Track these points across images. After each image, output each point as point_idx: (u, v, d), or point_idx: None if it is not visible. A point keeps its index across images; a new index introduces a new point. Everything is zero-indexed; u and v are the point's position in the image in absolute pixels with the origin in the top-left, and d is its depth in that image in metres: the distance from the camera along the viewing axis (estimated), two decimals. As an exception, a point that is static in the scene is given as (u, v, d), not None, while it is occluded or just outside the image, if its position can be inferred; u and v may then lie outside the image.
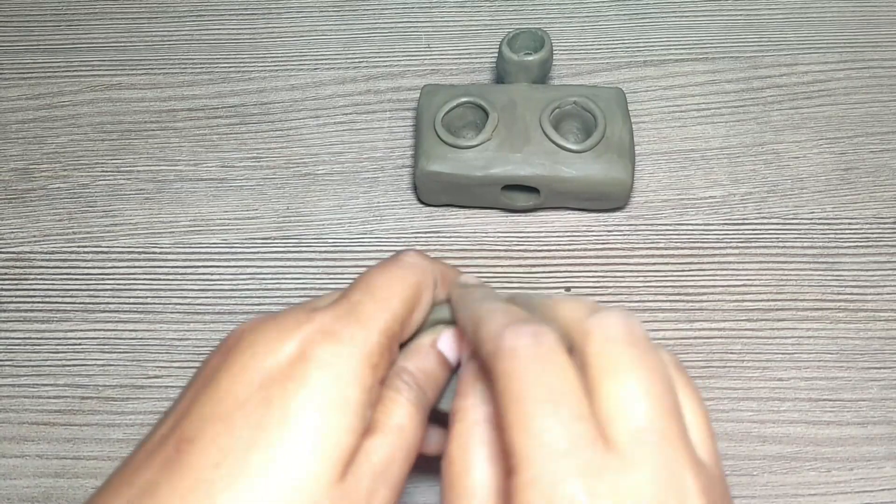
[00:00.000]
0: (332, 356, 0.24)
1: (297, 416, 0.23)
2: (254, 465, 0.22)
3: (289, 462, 0.22)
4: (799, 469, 0.36)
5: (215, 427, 0.23)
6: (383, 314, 0.25)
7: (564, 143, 0.39)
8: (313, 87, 0.47)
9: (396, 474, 0.25)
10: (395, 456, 0.24)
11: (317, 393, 0.23)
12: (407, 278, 0.27)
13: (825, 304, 0.40)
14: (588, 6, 0.50)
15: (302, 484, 0.22)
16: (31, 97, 0.47)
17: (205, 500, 0.22)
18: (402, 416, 0.25)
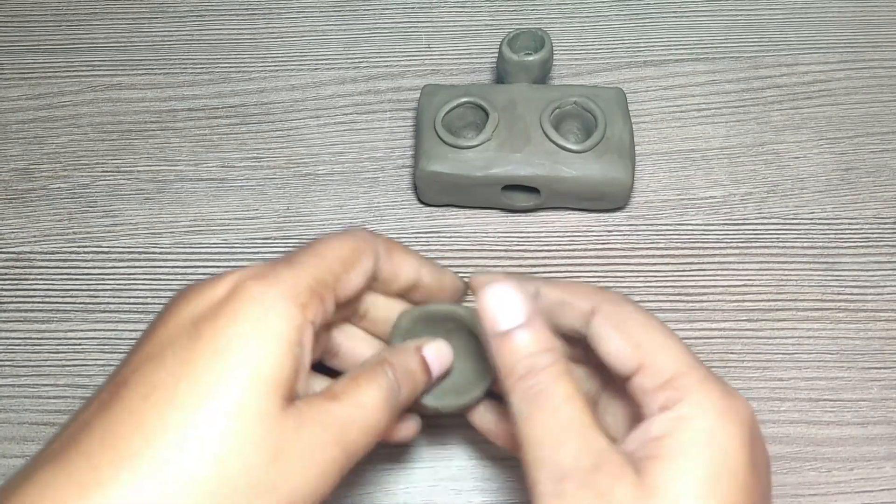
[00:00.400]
0: (260, 293, 0.25)
1: (224, 347, 0.24)
2: (181, 394, 0.23)
3: (218, 390, 0.23)
4: (799, 469, 0.36)
5: (146, 366, 0.24)
6: (315, 262, 0.27)
7: (565, 144, 0.39)
8: (314, 88, 0.47)
9: (350, 443, 0.25)
10: (352, 427, 0.26)
11: (243, 324, 0.24)
12: (345, 241, 0.28)
13: (825, 305, 0.40)
14: (588, 6, 0.50)
15: (233, 410, 0.23)
16: (32, 97, 0.47)
17: (134, 432, 0.22)
18: (369, 396, 0.26)
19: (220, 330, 0.24)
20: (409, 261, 0.31)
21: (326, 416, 0.25)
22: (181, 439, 0.22)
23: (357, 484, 0.35)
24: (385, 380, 0.27)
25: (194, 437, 0.23)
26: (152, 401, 0.23)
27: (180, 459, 0.22)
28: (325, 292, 0.26)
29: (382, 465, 0.36)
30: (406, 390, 0.28)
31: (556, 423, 0.25)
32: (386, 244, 0.30)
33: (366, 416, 0.26)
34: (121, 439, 0.23)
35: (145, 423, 0.23)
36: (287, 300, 0.25)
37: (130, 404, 0.23)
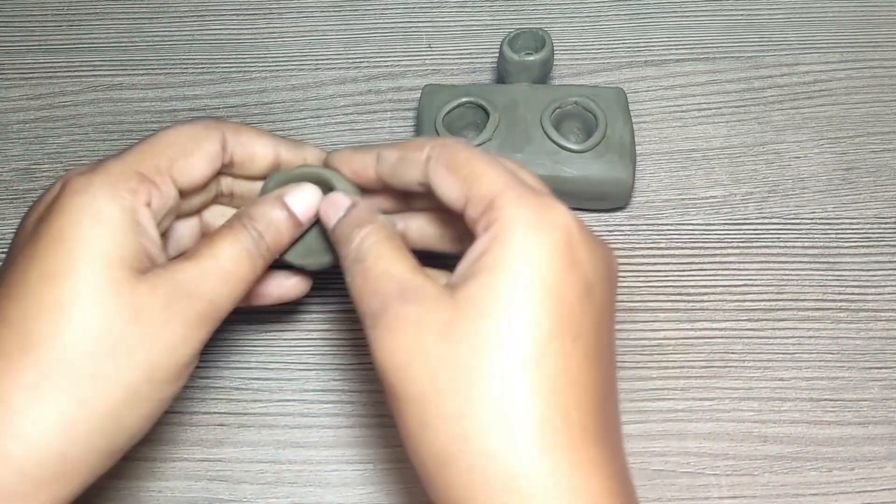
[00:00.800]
0: (86, 184, 0.27)
1: (59, 236, 0.26)
2: (32, 283, 0.26)
3: (62, 272, 0.26)
4: (800, 469, 0.36)
5: (5, 272, 0.27)
6: (145, 150, 0.29)
7: (565, 143, 0.39)
8: (314, 88, 0.47)
9: (209, 294, 0.28)
10: (208, 279, 0.28)
11: (73, 213, 0.26)
12: (183, 128, 0.30)
13: (826, 304, 0.40)
14: (589, 6, 0.50)
15: (80, 285, 0.26)
16: (33, 97, 0.47)
17: (2, 327, 0.25)
18: (223, 248, 0.28)
19: (53, 223, 0.26)
20: (261, 141, 0.32)
21: (181, 275, 0.27)
22: (42, 320, 0.25)
23: (358, 484, 0.35)
24: (243, 232, 0.29)
25: (53, 314, 0.25)
26: (9, 296, 0.26)
27: (46, 336, 0.25)
28: (157, 177, 0.28)
29: (383, 465, 0.36)
30: (270, 239, 0.30)
31: (370, 279, 0.27)
32: (235, 128, 0.31)
33: (221, 267, 0.28)
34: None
35: (7, 315, 0.26)
36: (113, 186, 0.27)
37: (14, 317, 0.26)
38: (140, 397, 0.26)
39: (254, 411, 0.37)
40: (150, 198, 0.28)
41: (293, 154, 0.33)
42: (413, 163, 0.29)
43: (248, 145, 0.32)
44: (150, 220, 0.28)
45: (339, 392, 0.37)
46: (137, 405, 0.26)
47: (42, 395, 0.25)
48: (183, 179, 0.29)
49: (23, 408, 0.25)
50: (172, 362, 0.27)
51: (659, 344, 0.38)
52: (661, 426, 0.36)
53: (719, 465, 0.36)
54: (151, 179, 0.28)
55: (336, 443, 0.36)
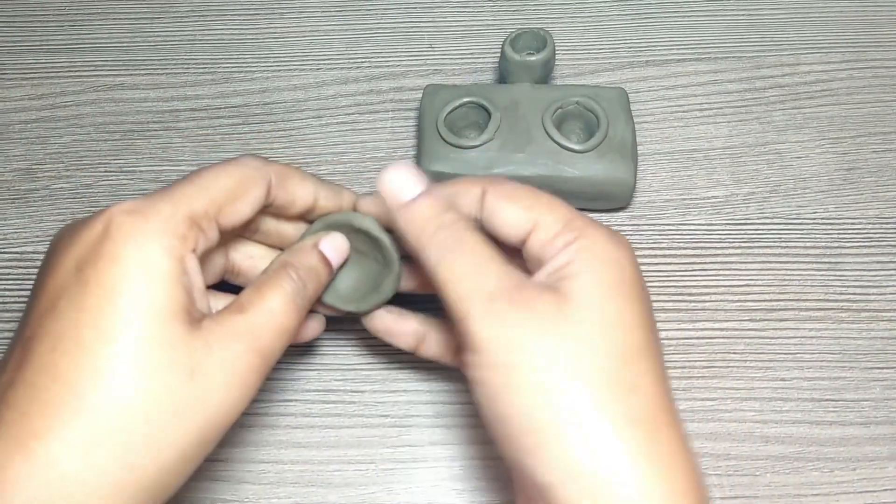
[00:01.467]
0: (135, 230, 0.26)
1: (111, 289, 0.25)
2: (86, 339, 0.24)
3: (118, 328, 0.24)
4: (802, 469, 0.36)
5: (46, 320, 0.25)
6: (195, 193, 0.28)
7: (567, 143, 0.39)
8: (316, 88, 0.47)
9: (264, 348, 0.27)
10: (263, 333, 0.27)
11: (124, 263, 0.25)
12: (232, 171, 0.29)
13: (828, 304, 0.40)
14: (590, 6, 0.50)
15: (136, 344, 0.24)
16: (34, 97, 0.47)
17: (53, 382, 0.24)
18: (275, 300, 0.28)
19: (103, 272, 0.25)
20: (304, 186, 0.32)
21: (236, 329, 0.27)
22: (97, 379, 0.24)
23: (359, 484, 0.35)
24: (289, 281, 0.29)
25: (108, 374, 0.24)
26: (60, 350, 0.24)
27: (101, 397, 0.24)
28: (204, 222, 0.28)
29: (384, 465, 0.36)
30: (311, 287, 0.30)
31: (476, 259, 0.27)
32: (281, 171, 0.31)
33: (275, 320, 0.28)
34: (43, 391, 0.24)
35: (61, 372, 0.24)
36: (163, 234, 0.26)
37: (42, 358, 0.25)
38: (188, 459, 0.26)
39: (255, 411, 0.37)
40: (197, 244, 0.27)
41: (331, 201, 0.33)
42: (468, 197, 0.30)
43: (290, 191, 0.31)
44: (196, 267, 0.27)
45: (340, 392, 0.37)
46: (184, 466, 0.26)
47: (94, 459, 0.24)
48: (227, 222, 0.29)
49: (75, 472, 0.24)
50: (225, 421, 0.26)
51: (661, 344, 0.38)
52: (663, 426, 0.36)
53: (721, 465, 0.36)
54: (199, 225, 0.27)
55: (338, 443, 0.36)
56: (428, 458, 0.36)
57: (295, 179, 0.31)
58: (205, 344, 0.26)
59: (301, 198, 0.32)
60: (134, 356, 0.24)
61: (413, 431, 0.37)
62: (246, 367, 0.27)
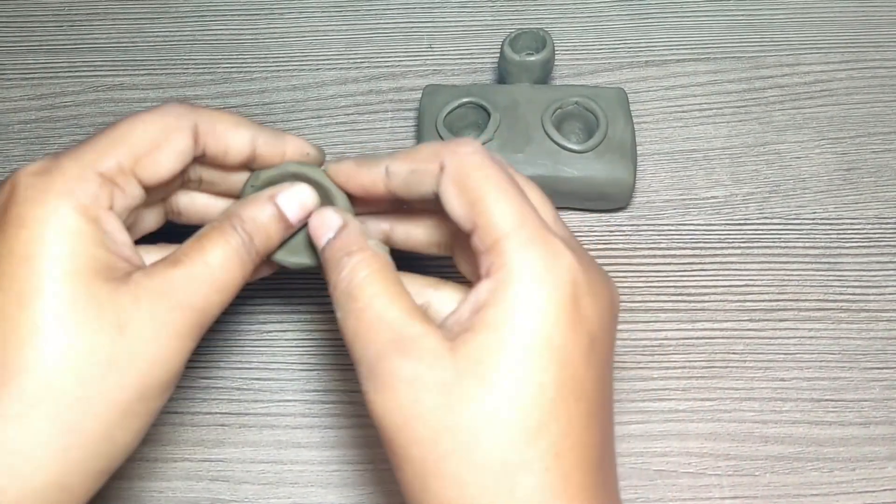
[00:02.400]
0: (42, 191, 0.25)
1: (25, 252, 0.24)
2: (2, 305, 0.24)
3: (33, 292, 0.24)
4: (801, 469, 0.36)
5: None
6: (107, 147, 0.26)
7: (566, 144, 0.39)
8: (315, 88, 0.47)
9: (200, 303, 0.26)
10: (199, 288, 0.26)
11: (34, 225, 0.24)
12: (149, 120, 0.27)
13: (827, 305, 0.40)
14: (590, 6, 0.50)
15: (55, 304, 0.24)
16: (34, 97, 0.47)
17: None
18: (215, 254, 0.27)
19: (12, 238, 0.24)
20: (238, 133, 0.29)
21: (168, 283, 0.26)
22: (18, 345, 0.23)
23: (359, 484, 0.35)
24: (233, 235, 0.27)
25: (29, 338, 0.23)
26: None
27: (25, 362, 0.23)
28: (119, 178, 0.26)
29: (383, 465, 0.36)
30: (259, 242, 0.28)
31: (363, 322, 0.26)
32: (209, 116, 0.29)
33: (213, 274, 0.27)
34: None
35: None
36: (72, 194, 0.25)
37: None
38: (132, 414, 0.25)
39: (255, 411, 0.37)
40: (113, 200, 0.26)
41: (272, 148, 0.30)
42: (426, 174, 0.27)
43: (222, 137, 0.29)
44: (117, 224, 0.26)
45: (340, 392, 0.37)
46: (131, 423, 0.25)
47: (30, 426, 0.23)
48: (148, 177, 0.27)
49: (12, 441, 0.23)
50: (163, 376, 0.26)
51: (660, 344, 0.38)
52: (663, 426, 0.36)
53: (721, 465, 0.36)
54: (113, 180, 0.26)
55: (337, 443, 0.36)
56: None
57: (227, 125, 0.29)
58: (133, 299, 0.25)
59: (236, 146, 0.29)
60: (54, 317, 0.24)
61: (412, 431, 0.37)
62: (180, 322, 0.26)
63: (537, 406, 0.24)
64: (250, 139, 0.29)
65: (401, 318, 0.25)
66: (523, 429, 0.24)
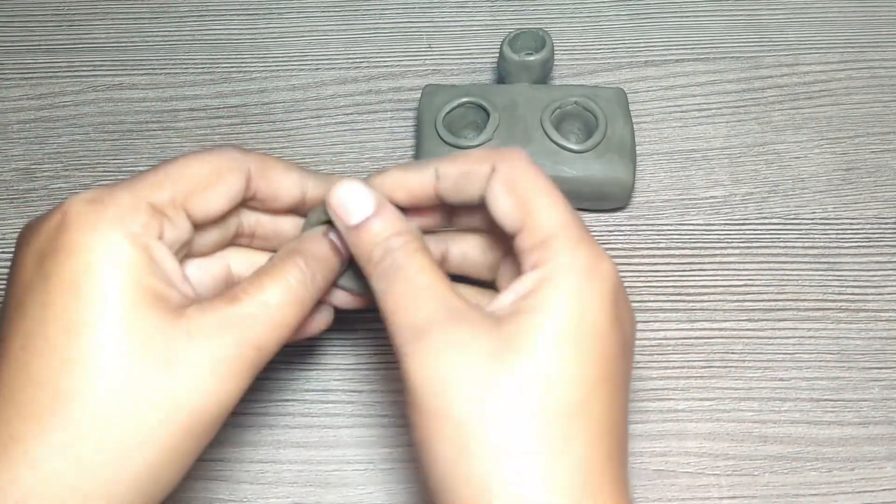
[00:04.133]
0: (93, 219, 0.25)
1: (73, 282, 0.24)
2: (52, 335, 0.24)
3: (84, 322, 0.24)
4: (800, 469, 0.36)
5: (14, 317, 0.24)
6: (160, 181, 0.26)
7: (566, 144, 0.39)
8: (314, 88, 0.47)
9: (255, 342, 0.26)
10: (255, 326, 0.26)
11: (84, 254, 0.24)
12: (203, 159, 0.28)
13: (826, 305, 0.40)
14: (589, 6, 0.50)
15: (103, 335, 0.23)
16: (33, 97, 0.47)
17: (26, 384, 0.23)
18: (273, 292, 0.26)
19: (63, 265, 0.24)
20: (288, 177, 0.30)
21: (224, 319, 0.25)
22: (67, 376, 0.23)
23: (358, 484, 0.35)
24: (295, 271, 0.27)
25: (77, 369, 0.23)
26: (30, 349, 0.24)
27: (73, 394, 0.23)
28: (169, 210, 0.26)
29: (384, 465, 0.36)
30: (320, 277, 0.28)
31: (411, 291, 0.26)
32: (261, 161, 0.29)
33: (269, 313, 0.26)
34: (18, 392, 0.23)
35: (32, 371, 0.23)
36: (122, 222, 0.25)
37: (13, 358, 0.24)
38: (179, 453, 0.24)
39: (253, 411, 0.37)
40: (163, 231, 0.26)
41: (321, 190, 0.30)
42: (476, 176, 0.28)
43: (273, 181, 0.29)
44: (168, 254, 0.26)
45: (339, 392, 0.37)
46: (176, 461, 0.24)
47: (76, 457, 0.23)
48: (198, 213, 0.27)
49: (57, 472, 0.23)
50: (213, 413, 0.25)
51: (659, 344, 0.38)
52: (662, 426, 0.36)
53: (719, 465, 0.36)
54: (163, 212, 0.26)
55: (336, 443, 0.36)
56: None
57: (277, 169, 0.30)
58: (185, 333, 0.24)
59: (286, 189, 0.30)
60: (100, 347, 0.23)
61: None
62: (233, 359, 0.25)
63: (580, 384, 0.24)
64: (299, 182, 0.30)
65: (448, 292, 0.26)
66: (568, 402, 0.24)
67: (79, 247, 0.24)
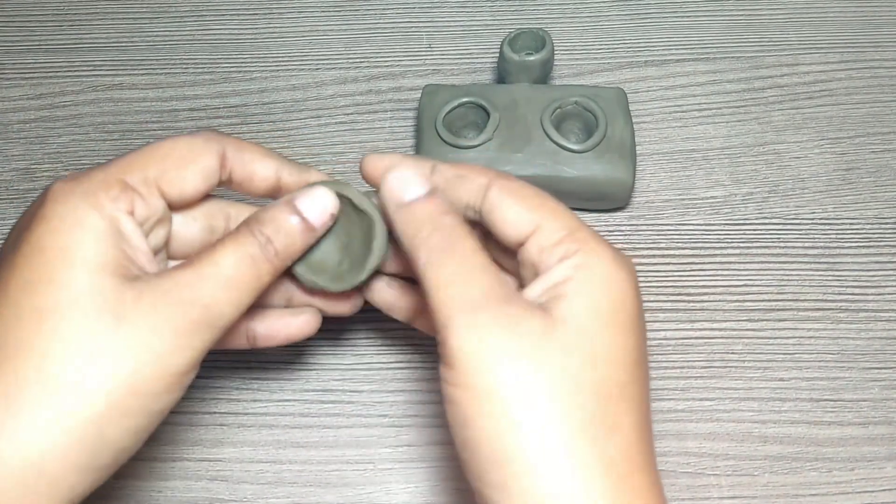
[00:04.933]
0: (67, 192, 0.26)
1: (39, 245, 0.26)
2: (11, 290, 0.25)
3: (42, 279, 0.25)
4: (800, 469, 0.36)
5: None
6: (133, 160, 0.28)
7: (566, 144, 0.39)
8: (315, 88, 0.47)
9: (203, 301, 0.26)
10: (203, 285, 0.26)
11: (52, 221, 0.26)
12: (177, 140, 0.29)
13: (826, 305, 0.40)
14: (589, 6, 0.50)
15: (59, 293, 0.25)
16: (33, 97, 0.47)
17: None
18: (226, 255, 0.27)
19: (33, 232, 0.26)
20: (264, 161, 0.31)
21: (174, 282, 0.26)
22: (19, 329, 0.25)
23: (358, 484, 0.35)
24: (248, 237, 0.28)
25: (29, 324, 0.25)
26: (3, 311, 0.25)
27: (21, 344, 0.24)
28: (142, 187, 0.28)
29: (384, 465, 0.36)
30: (279, 244, 0.28)
31: (466, 265, 0.26)
32: (237, 144, 0.30)
33: (219, 272, 0.27)
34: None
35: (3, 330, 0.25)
36: (93, 194, 0.26)
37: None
38: (124, 409, 0.25)
39: (254, 411, 0.37)
40: (133, 206, 0.27)
41: (296, 177, 0.31)
42: (472, 184, 0.29)
43: (248, 163, 0.30)
44: (135, 229, 0.27)
45: (339, 392, 0.37)
46: (122, 418, 0.25)
47: (17, 405, 0.24)
48: (173, 192, 0.28)
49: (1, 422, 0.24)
50: (161, 372, 0.25)
51: (659, 344, 0.38)
52: (662, 426, 0.36)
53: (719, 465, 0.36)
54: (135, 188, 0.27)
55: (336, 443, 0.36)
56: (426, 458, 0.36)
57: (254, 154, 0.30)
58: (136, 294, 0.25)
59: (261, 174, 0.30)
60: (57, 304, 0.25)
61: (411, 431, 0.37)
62: (181, 317, 0.26)
63: (625, 365, 0.25)
64: (275, 168, 0.31)
65: (501, 275, 0.27)
66: (618, 381, 0.25)
67: (49, 215, 0.26)
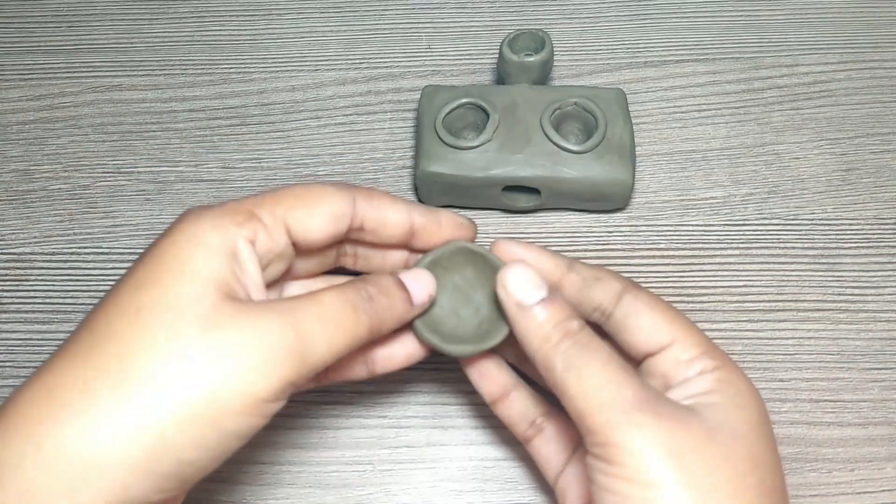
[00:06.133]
0: (196, 216, 0.27)
1: (158, 252, 0.26)
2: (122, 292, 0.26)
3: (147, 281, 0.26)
4: (800, 470, 0.36)
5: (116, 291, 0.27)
6: (266, 196, 0.28)
7: (565, 144, 0.39)
8: (314, 88, 0.47)
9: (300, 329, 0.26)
10: (304, 316, 0.26)
11: (177, 237, 0.27)
12: (312, 185, 0.29)
13: (826, 305, 0.39)
14: (589, 7, 0.50)
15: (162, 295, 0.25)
16: (32, 98, 0.47)
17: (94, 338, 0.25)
18: (326, 294, 0.27)
19: (158, 246, 0.27)
20: (394, 206, 0.31)
21: (273, 308, 0.26)
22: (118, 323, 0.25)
23: (357, 485, 0.35)
24: (352, 288, 0.28)
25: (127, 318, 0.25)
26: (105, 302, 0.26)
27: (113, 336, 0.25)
28: (268, 219, 0.28)
29: (382, 466, 0.36)
30: (382, 305, 0.29)
31: (611, 369, 0.27)
32: (367, 192, 0.30)
33: (322, 310, 0.27)
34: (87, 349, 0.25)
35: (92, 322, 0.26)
36: (220, 217, 0.27)
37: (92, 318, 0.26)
38: (191, 417, 0.24)
39: (253, 412, 0.37)
40: (256, 236, 0.27)
41: (427, 219, 0.31)
42: (608, 288, 0.30)
43: (380, 209, 0.30)
44: (251, 256, 0.27)
45: (338, 393, 0.37)
46: (187, 425, 0.24)
47: (93, 392, 0.24)
48: (299, 230, 0.28)
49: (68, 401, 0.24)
50: (240, 391, 0.24)
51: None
52: (661, 427, 0.36)
53: (719, 466, 0.36)
54: (261, 219, 0.28)
55: (336, 444, 0.36)
56: (426, 459, 0.36)
57: (382, 199, 0.31)
58: (234, 310, 0.25)
59: (393, 217, 0.31)
60: (156, 304, 0.25)
61: (411, 432, 0.37)
62: (273, 340, 0.25)
63: (777, 471, 0.27)
64: (406, 213, 0.31)
65: (638, 376, 0.27)
66: (772, 487, 0.27)
67: (174, 232, 0.27)
